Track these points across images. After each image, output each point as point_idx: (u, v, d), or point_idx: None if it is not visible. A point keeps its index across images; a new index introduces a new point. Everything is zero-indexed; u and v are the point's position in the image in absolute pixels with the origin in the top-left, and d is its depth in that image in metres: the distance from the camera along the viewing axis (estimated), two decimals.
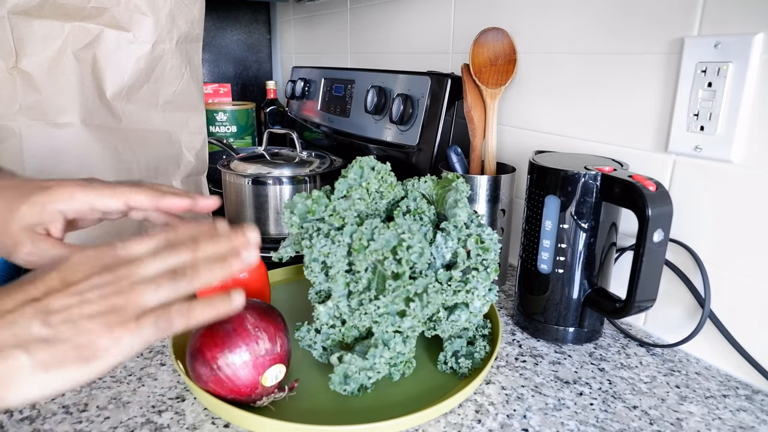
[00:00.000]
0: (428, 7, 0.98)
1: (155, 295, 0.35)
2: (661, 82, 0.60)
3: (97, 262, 0.35)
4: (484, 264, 0.51)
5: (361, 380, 0.50)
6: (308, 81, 1.27)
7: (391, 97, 0.92)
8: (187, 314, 0.35)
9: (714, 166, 0.57)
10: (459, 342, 0.55)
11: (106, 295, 0.33)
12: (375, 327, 0.50)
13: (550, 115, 0.76)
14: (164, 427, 0.47)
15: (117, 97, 0.85)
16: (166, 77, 0.88)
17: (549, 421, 0.49)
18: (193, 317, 0.36)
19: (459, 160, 0.78)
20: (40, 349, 0.31)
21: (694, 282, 0.59)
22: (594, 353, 0.61)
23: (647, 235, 0.51)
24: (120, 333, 0.33)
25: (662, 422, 0.49)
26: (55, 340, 0.32)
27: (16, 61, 0.76)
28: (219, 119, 1.38)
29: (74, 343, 0.32)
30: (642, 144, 0.63)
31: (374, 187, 0.57)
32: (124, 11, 0.81)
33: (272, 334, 0.47)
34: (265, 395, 0.47)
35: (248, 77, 1.69)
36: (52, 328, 0.32)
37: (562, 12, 0.71)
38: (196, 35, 0.89)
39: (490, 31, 0.77)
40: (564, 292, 0.60)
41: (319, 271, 0.54)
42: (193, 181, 0.97)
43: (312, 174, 0.89)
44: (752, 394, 0.54)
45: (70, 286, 0.34)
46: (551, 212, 0.59)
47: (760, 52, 0.51)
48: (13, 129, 0.77)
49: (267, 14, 1.68)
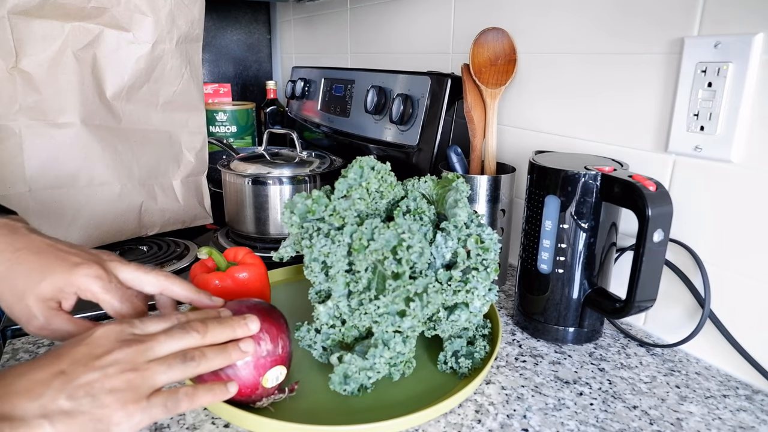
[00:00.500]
0: (428, 7, 0.98)
1: (166, 375, 0.39)
2: (661, 82, 0.60)
3: (117, 336, 0.39)
4: (484, 264, 0.51)
5: (361, 380, 0.50)
6: (308, 81, 1.27)
7: (391, 97, 0.92)
8: (192, 398, 0.40)
9: (714, 166, 0.57)
10: (459, 342, 0.55)
11: (123, 371, 0.37)
12: (375, 327, 0.50)
13: (550, 115, 0.76)
14: (164, 427, 0.47)
15: (117, 97, 0.85)
16: (166, 77, 0.88)
17: (549, 421, 0.49)
18: (197, 401, 0.40)
19: (459, 160, 0.78)
20: (62, 421, 0.34)
21: (694, 282, 0.59)
22: (594, 353, 0.61)
23: (647, 235, 0.51)
24: (132, 410, 0.36)
25: (662, 422, 0.49)
26: (76, 413, 0.35)
27: (16, 61, 0.76)
28: (219, 119, 1.38)
29: (92, 416, 0.35)
30: (642, 144, 0.63)
31: (374, 186, 0.57)
32: (124, 11, 0.81)
33: (274, 336, 0.47)
34: (265, 396, 0.47)
35: (248, 77, 1.69)
36: (75, 401, 0.35)
37: (562, 12, 0.71)
38: (196, 35, 0.90)
39: (490, 31, 0.77)
40: (564, 292, 0.60)
41: (319, 271, 0.54)
42: (193, 181, 0.97)
43: (312, 174, 0.89)
44: (752, 394, 0.54)
45: (93, 360, 0.37)
46: (551, 212, 0.59)
47: (760, 52, 0.51)
48: (13, 129, 0.77)
49: (267, 14, 1.68)
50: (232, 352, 0.43)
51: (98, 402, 0.36)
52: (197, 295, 0.50)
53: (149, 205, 0.91)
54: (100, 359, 0.37)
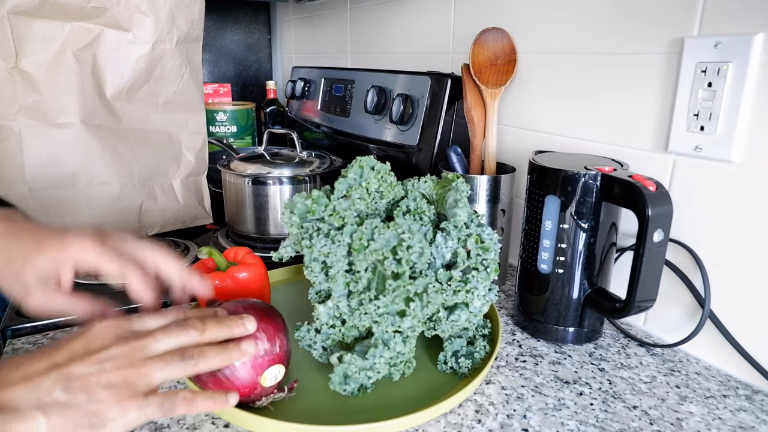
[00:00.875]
0: (428, 7, 0.98)
1: (163, 372, 0.38)
2: (661, 82, 0.60)
3: (115, 332, 0.39)
4: (484, 264, 0.51)
5: (361, 380, 0.50)
6: (308, 81, 1.27)
7: (391, 97, 0.92)
8: (190, 403, 0.39)
9: (714, 166, 0.57)
10: (459, 342, 0.55)
11: (120, 367, 0.37)
12: (375, 327, 0.50)
13: (550, 115, 0.76)
14: (164, 427, 0.47)
15: (117, 97, 0.85)
16: (166, 77, 0.88)
17: (549, 421, 0.49)
18: (195, 407, 0.40)
19: (459, 160, 0.78)
20: (56, 413, 0.34)
21: (694, 282, 0.59)
22: (594, 353, 0.61)
23: (647, 235, 0.51)
24: (128, 406, 0.36)
25: (662, 422, 0.49)
26: (71, 405, 0.35)
27: (16, 61, 0.76)
28: (219, 119, 1.38)
29: (87, 410, 0.35)
30: (642, 144, 0.63)
31: (374, 186, 0.57)
32: (124, 11, 0.81)
33: (271, 335, 0.47)
34: (264, 395, 0.47)
35: (248, 77, 1.69)
36: (70, 394, 0.35)
37: (562, 12, 0.71)
38: (196, 35, 0.90)
39: (490, 31, 0.77)
40: (564, 292, 0.60)
41: (319, 271, 0.54)
42: (193, 181, 0.97)
43: (312, 174, 0.89)
44: (752, 394, 0.54)
45: (90, 355, 0.37)
46: (551, 212, 0.59)
47: (760, 52, 0.51)
48: (13, 129, 0.77)
49: (267, 14, 1.68)
50: (232, 352, 0.42)
51: (94, 396, 0.35)
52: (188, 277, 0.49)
53: (149, 205, 0.91)
54: (97, 354, 0.37)
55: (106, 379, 0.36)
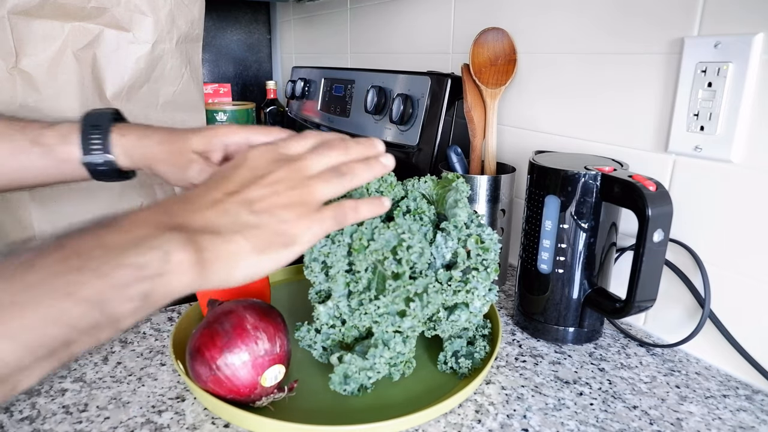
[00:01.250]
0: (428, 7, 0.98)
1: (326, 189, 0.39)
2: (661, 82, 0.60)
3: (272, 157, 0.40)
4: (484, 264, 0.51)
5: (361, 380, 0.50)
6: (308, 81, 1.27)
7: (391, 97, 0.92)
8: (356, 210, 0.41)
9: (714, 166, 0.57)
10: (459, 342, 0.55)
11: (290, 187, 0.38)
12: (375, 327, 0.50)
13: (550, 115, 0.76)
14: (164, 427, 0.47)
15: (117, 97, 0.85)
16: (166, 77, 0.88)
17: (549, 421, 0.49)
18: (361, 213, 0.42)
19: (459, 160, 0.78)
20: (253, 235, 0.35)
21: (694, 282, 0.59)
22: (594, 353, 0.61)
23: (647, 235, 0.51)
24: (310, 222, 0.38)
25: (662, 422, 0.49)
26: (261, 226, 0.36)
27: (16, 61, 0.76)
28: (219, 119, 1.38)
29: (275, 230, 0.36)
30: (642, 144, 0.63)
31: (374, 186, 0.57)
32: (124, 11, 0.81)
33: (272, 335, 0.47)
34: (264, 395, 0.47)
35: (248, 77, 1.69)
36: (257, 216, 0.36)
37: (562, 12, 0.71)
38: (196, 35, 0.89)
39: (490, 31, 0.77)
40: (564, 292, 0.60)
41: (319, 271, 0.54)
42: None
43: None
44: (752, 394, 0.54)
45: (259, 179, 0.38)
46: (551, 212, 0.59)
47: (760, 52, 0.51)
48: None
49: (267, 14, 1.68)
50: (375, 166, 0.43)
51: (278, 216, 0.36)
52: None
53: None
54: (265, 178, 0.38)
55: (282, 200, 0.37)
